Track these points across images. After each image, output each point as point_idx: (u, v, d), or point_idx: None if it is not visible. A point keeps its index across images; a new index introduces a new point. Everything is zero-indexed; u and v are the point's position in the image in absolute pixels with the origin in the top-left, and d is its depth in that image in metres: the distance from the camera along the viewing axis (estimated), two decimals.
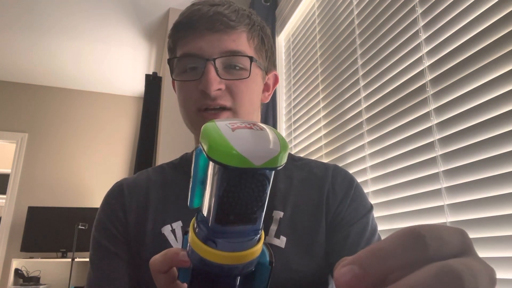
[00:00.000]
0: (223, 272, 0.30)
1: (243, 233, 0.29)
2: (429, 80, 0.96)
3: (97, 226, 0.65)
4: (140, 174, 0.71)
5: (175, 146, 2.29)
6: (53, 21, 2.90)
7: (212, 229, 0.28)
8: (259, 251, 0.30)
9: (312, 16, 1.77)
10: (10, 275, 3.32)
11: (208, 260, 0.29)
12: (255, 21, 0.65)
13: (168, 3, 2.64)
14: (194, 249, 0.29)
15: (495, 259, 0.75)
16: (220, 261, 0.29)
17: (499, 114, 0.76)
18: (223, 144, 0.26)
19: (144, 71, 3.69)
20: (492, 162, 0.77)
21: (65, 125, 4.06)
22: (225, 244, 0.28)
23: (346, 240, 0.60)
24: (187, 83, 0.62)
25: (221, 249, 0.28)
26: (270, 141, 0.27)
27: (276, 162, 0.26)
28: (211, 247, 0.29)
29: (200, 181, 0.30)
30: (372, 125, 1.19)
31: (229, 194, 0.27)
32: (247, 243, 0.29)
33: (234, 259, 0.29)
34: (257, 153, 0.26)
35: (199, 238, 0.29)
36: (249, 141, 0.26)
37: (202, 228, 0.29)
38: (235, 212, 0.28)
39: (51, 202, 3.73)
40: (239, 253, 0.29)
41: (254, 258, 0.30)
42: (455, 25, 0.90)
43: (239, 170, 0.26)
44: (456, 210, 0.85)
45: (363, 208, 0.64)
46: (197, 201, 0.31)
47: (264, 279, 0.32)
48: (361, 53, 1.29)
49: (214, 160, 0.26)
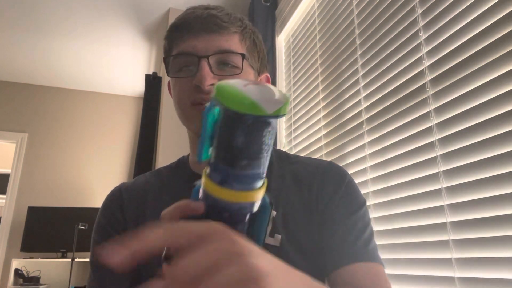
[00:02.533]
0: (234, 211, 0.34)
1: (253, 175, 0.33)
2: (429, 80, 0.96)
3: (96, 229, 0.67)
4: (138, 178, 0.73)
5: (175, 146, 2.29)
6: (53, 22, 2.90)
7: (226, 172, 0.33)
8: (264, 192, 0.35)
9: (312, 16, 1.77)
10: (10, 275, 3.32)
11: (223, 200, 0.33)
12: (247, 25, 0.68)
13: (168, 3, 2.63)
14: (210, 192, 0.33)
15: (495, 259, 0.75)
16: (235, 199, 0.33)
17: (499, 114, 0.76)
18: (240, 96, 0.30)
19: (144, 71, 3.69)
20: (492, 162, 0.77)
21: (65, 125, 4.06)
22: (239, 186, 0.33)
23: (333, 237, 0.60)
24: (182, 79, 0.64)
25: (235, 189, 0.32)
26: (276, 93, 0.32)
27: (284, 110, 0.32)
28: (226, 187, 0.32)
29: (209, 136, 0.34)
30: (372, 125, 1.19)
31: (241, 140, 0.31)
32: (255, 184, 0.34)
33: (245, 197, 0.33)
34: (268, 102, 0.30)
35: (215, 182, 0.33)
36: (260, 93, 0.31)
37: (215, 173, 0.33)
38: (248, 157, 0.32)
39: (51, 202, 3.73)
40: (250, 192, 0.33)
41: (260, 198, 0.35)
42: (455, 25, 0.90)
43: (254, 117, 0.31)
44: (456, 210, 0.85)
45: (354, 204, 0.64)
46: (206, 155, 0.35)
47: (265, 218, 0.37)
48: (361, 53, 1.29)
49: (233, 110, 0.30)
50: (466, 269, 0.81)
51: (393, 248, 1.04)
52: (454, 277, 0.83)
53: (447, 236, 0.86)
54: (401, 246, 1.01)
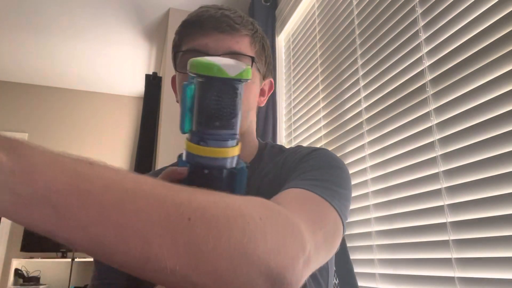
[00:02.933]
0: (212, 168, 0.40)
1: (226, 135, 0.40)
2: (429, 80, 0.96)
3: None
4: None
5: (175, 146, 2.29)
6: (53, 22, 2.90)
7: (203, 132, 0.39)
8: (239, 150, 0.41)
9: (312, 16, 1.77)
10: (10, 275, 3.32)
11: (201, 156, 0.39)
12: (257, 29, 0.70)
13: (168, 3, 2.63)
14: (190, 151, 0.39)
15: (495, 259, 0.75)
16: (212, 154, 0.39)
17: (499, 114, 0.76)
18: (209, 64, 0.38)
19: (144, 71, 3.69)
20: (492, 162, 0.77)
21: (65, 125, 4.06)
22: (214, 143, 0.39)
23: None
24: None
25: (211, 145, 0.39)
26: (239, 63, 0.40)
27: (247, 75, 0.39)
28: (203, 145, 0.39)
29: (188, 109, 0.40)
30: (372, 125, 1.19)
31: (213, 102, 0.38)
32: (228, 143, 0.40)
33: (221, 153, 0.39)
34: (232, 68, 0.38)
35: (193, 142, 0.39)
36: (225, 62, 0.39)
37: (195, 136, 0.40)
38: (219, 117, 0.39)
39: None
40: (224, 148, 0.39)
41: (236, 155, 0.41)
42: (455, 25, 0.90)
43: (220, 79, 0.38)
44: (456, 210, 0.85)
45: (320, 162, 0.58)
46: (187, 126, 0.40)
47: (244, 180, 0.42)
48: (361, 53, 1.29)
49: (202, 74, 0.38)
50: (466, 269, 0.81)
51: (393, 248, 1.04)
52: (454, 277, 0.83)
53: (447, 236, 0.86)
54: (401, 246, 1.01)
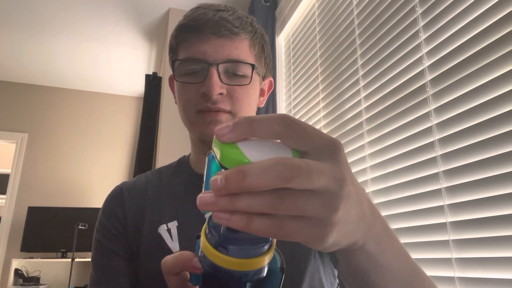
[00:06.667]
0: (234, 278, 0.30)
1: (253, 240, 0.29)
2: (429, 80, 0.96)
3: (98, 227, 0.67)
4: (139, 177, 0.73)
5: (175, 146, 2.29)
6: (54, 22, 2.90)
7: (224, 235, 0.29)
8: (269, 259, 0.31)
9: (312, 16, 1.77)
10: (10, 275, 3.32)
11: (219, 265, 0.29)
12: (256, 29, 0.68)
13: (168, 3, 2.63)
14: (206, 254, 0.30)
15: (495, 259, 0.75)
16: (231, 267, 0.29)
17: (499, 114, 0.76)
18: (235, 152, 0.26)
19: (144, 71, 3.69)
20: (492, 162, 0.77)
21: (65, 125, 4.06)
22: (236, 250, 0.29)
23: None
24: (189, 85, 0.63)
25: (232, 255, 0.29)
26: (279, 147, 0.28)
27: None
28: (222, 253, 0.29)
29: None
30: (372, 125, 1.19)
31: None
32: (257, 250, 0.29)
33: (244, 265, 0.29)
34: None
35: (211, 244, 0.29)
36: (260, 149, 0.27)
37: (214, 234, 0.29)
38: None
39: (51, 202, 3.73)
40: (249, 259, 0.29)
41: (264, 265, 0.30)
42: (455, 26, 0.90)
43: None
44: (456, 210, 0.85)
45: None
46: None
47: (275, 285, 0.33)
48: (361, 53, 1.29)
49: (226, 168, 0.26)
50: (466, 269, 0.81)
51: None
52: (454, 277, 0.83)
53: (447, 236, 0.86)
54: None
